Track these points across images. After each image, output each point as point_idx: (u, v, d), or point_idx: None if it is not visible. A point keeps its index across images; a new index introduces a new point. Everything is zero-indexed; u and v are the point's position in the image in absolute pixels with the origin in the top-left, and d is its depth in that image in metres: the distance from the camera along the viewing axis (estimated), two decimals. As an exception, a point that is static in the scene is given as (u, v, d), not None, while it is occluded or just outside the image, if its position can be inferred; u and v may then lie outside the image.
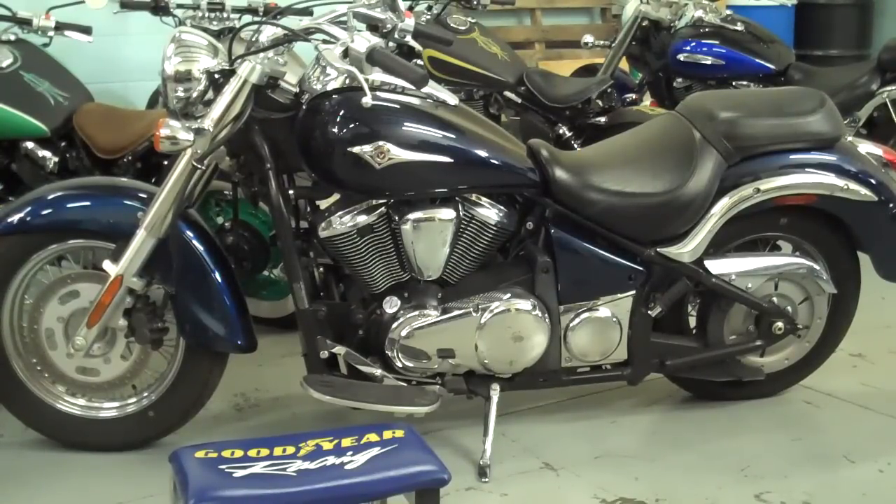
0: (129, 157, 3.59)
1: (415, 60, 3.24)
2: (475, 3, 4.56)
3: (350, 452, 1.89)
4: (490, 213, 2.73)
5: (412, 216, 2.66)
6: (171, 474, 1.90)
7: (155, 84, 3.97)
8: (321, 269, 2.81)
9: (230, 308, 2.73)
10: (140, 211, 2.66)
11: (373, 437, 1.95)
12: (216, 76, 2.55)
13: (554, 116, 4.40)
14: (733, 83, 4.87)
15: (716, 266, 2.90)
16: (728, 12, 4.96)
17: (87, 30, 3.76)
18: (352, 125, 2.56)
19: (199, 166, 2.58)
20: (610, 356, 2.88)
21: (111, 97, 4.34)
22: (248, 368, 3.33)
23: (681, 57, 4.84)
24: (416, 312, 2.71)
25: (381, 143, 2.55)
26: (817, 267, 2.98)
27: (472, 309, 2.73)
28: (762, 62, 4.85)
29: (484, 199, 2.74)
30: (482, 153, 2.68)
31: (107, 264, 2.68)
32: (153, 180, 3.31)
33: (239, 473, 1.83)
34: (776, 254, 3.15)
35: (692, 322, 3.07)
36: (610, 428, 3.02)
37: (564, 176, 2.75)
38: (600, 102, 4.39)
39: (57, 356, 2.80)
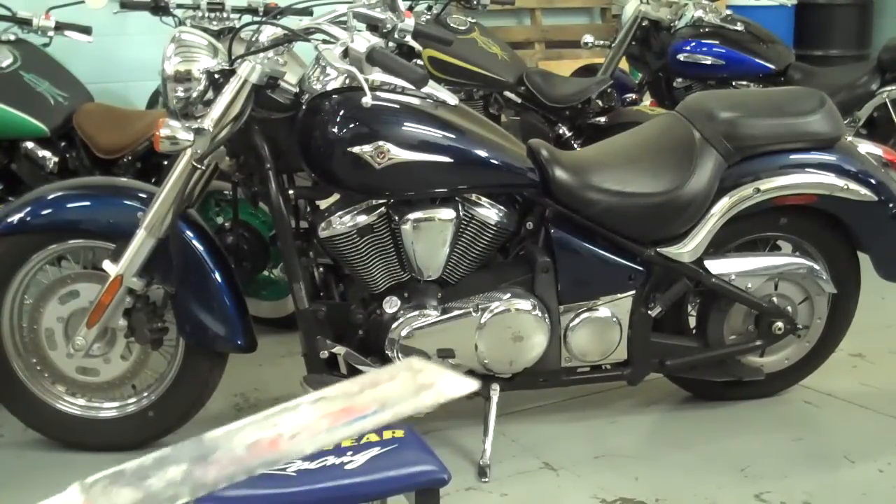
0: (129, 157, 3.59)
1: (415, 60, 3.25)
2: (475, 3, 4.56)
3: (350, 452, 1.89)
4: (490, 213, 2.73)
5: (412, 216, 2.66)
6: (171, 474, 1.89)
7: (155, 84, 3.97)
8: (321, 269, 2.81)
9: (230, 308, 2.73)
10: (140, 211, 2.66)
11: (373, 437, 1.95)
12: (216, 76, 2.55)
13: (554, 116, 4.40)
14: (733, 83, 4.87)
15: (716, 266, 2.90)
16: (728, 12, 4.96)
17: (87, 30, 3.76)
18: (352, 125, 2.56)
19: (199, 166, 2.58)
20: (610, 356, 2.88)
21: (111, 97, 4.34)
22: (248, 368, 3.33)
23: (681, 57, 4.84)
24: (416, 312, 2.71)
25: (381, 143, 2.55)
26: (817, 267, 2.98)
27: (472, 309, 2.73)
28: (762, 62, 4.84)
29: (484, 199, 2.74)
30: (482, 153, 2.68)
31: (107, 264, 2.68)
32: (153, 180, 3.32)
33: (239, 473, 1.83)
34: (776, 254, 3.15)
35: (692, 322, 3.07)
36: (610, 428, 3.02)
37: (564, 176, 2.75)
38: (600, 102, 4.39)
39: (57, 356, 2.80)
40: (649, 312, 2.87)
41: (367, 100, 2.38)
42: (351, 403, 0.55)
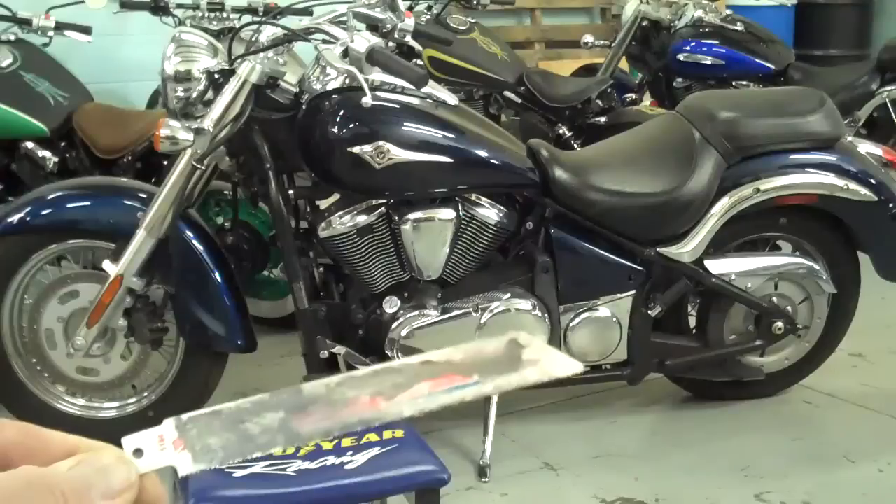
0: (129, 157, 3.59)
1: (415, 60, 3.24)
2: (475, 3, 4.55)
3: (350, 452, 1.89)
4: (490, 213, 2.73)
5: (412, 216, 2.66)
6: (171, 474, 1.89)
7: (155, 84, 3.97)
8: (321, 269, 2.81)
9: (230, 308, 2.73)
10: (140, 211, 2.66)
11: (373, 437, 1.95)
12: (216, 76, 2.55)
13: (554, 116, 4.40)
14: (733, 83, 4.87)
15: (716, 266, 2.90)
16: (728, 12, 4.96)
17: (87, 30, 3.76)
18: (352, 125, 2.56)
19: (199, 166, 2.58)
20: (610, 356, 2.88)
21: (111, 97, 4.34)
22: (248, 368, 3.32)
23: (681, 57, 4.84)
24: (416, 312, 2.71)
25: (380, 143, 2.55)
26: (817, 267, 2.98)
27: (471, 309, 2.73)
28: (762, 62, 4.84)
29: (484, 199, 2.74)
30: (482, 153, 2.68)
31: (107, 264, 2.68)
32: (153, 180, 3.31)
33: (239, 473, 1.83)
34: (776, 254, 3.15)
35: (692, 322, 3.07)
36: (610, 428, 3.02)
37: (564, 176, 2.75)
38: (600, 102, 4.39)
39: (57, 356, 2.80)
40: (649, 312, 2.87)
41: (367, 100, 2.38)
42: (454, 371, 0.55)
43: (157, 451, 0.52)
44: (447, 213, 2.68)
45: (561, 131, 4.39)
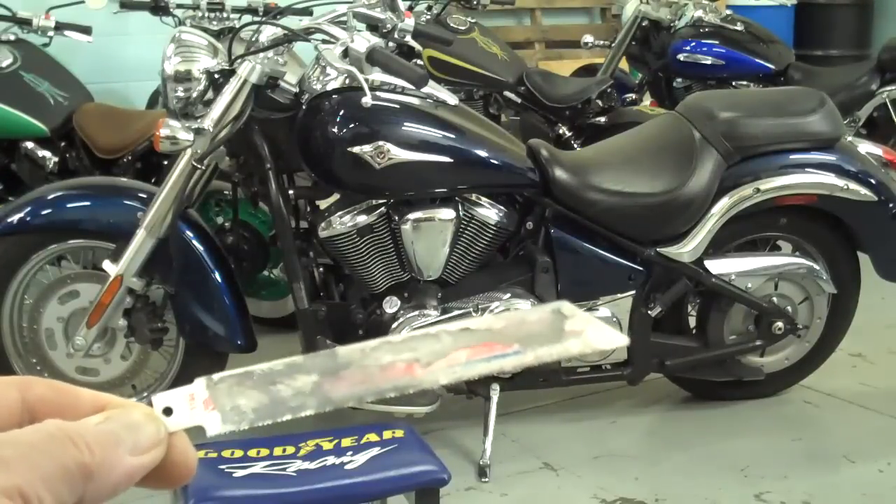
0: (129, 157, 3.59)
1: (415, 60, 3.24)
2: (475, 3, 4.55)
3: (350, 452, 1.89)
4: (490, 213, 2.73)
5: (412, 216, 2.66)
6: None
7: (155, 84, 3.97)
8: (321, 269, 2.81)
9: (230, 308, 2.73)
10: (140, 211, 2.66)
11: (373, 437, 1.95)
12: (216, 76, 2.55)
13: (554, 116, 4.40)
14: (733, 83, 4.87)
15: (716, 266, 2.90)
16: (728, 12, 4.96)
17: (87, 30, 3.76)
18: (352, 125, 2.56)
19: (199, 166, 2.58)
20: (610, 356, 2.88)
21: (111, 97, 4.34)
22: (248, 368, 3.32)
23: (681, 57, 4.84)
24: (416, 312, 2.71)
25: (380, 143, 2.55)
26: (817, 267, 2.98)
27: (471, 309, 2.73)
28: (762, 62, 4.84)
29: (484, 199, 2.74)
30: (482, 153, 2.68)
31: (107, 264, 2.68)
32: (153, 180, 3.32)
33: (239, 473, 1.83)
34: (776, 254, 3.15)
35: (692, 322, 3.07)
36: (610, 428, 3.02)
37: (564, 176, 2.75)
38: (600, 102, 4.39)
39: (57, 356, 2.80)
40: (649, 312, 2.87)
41: (367, 100, 2.38)
42: (493, 339, 0.54)
43: (186, 410, 0.52)
44: (447, 213, 2.68)
45: (561, 131, 4.38)
